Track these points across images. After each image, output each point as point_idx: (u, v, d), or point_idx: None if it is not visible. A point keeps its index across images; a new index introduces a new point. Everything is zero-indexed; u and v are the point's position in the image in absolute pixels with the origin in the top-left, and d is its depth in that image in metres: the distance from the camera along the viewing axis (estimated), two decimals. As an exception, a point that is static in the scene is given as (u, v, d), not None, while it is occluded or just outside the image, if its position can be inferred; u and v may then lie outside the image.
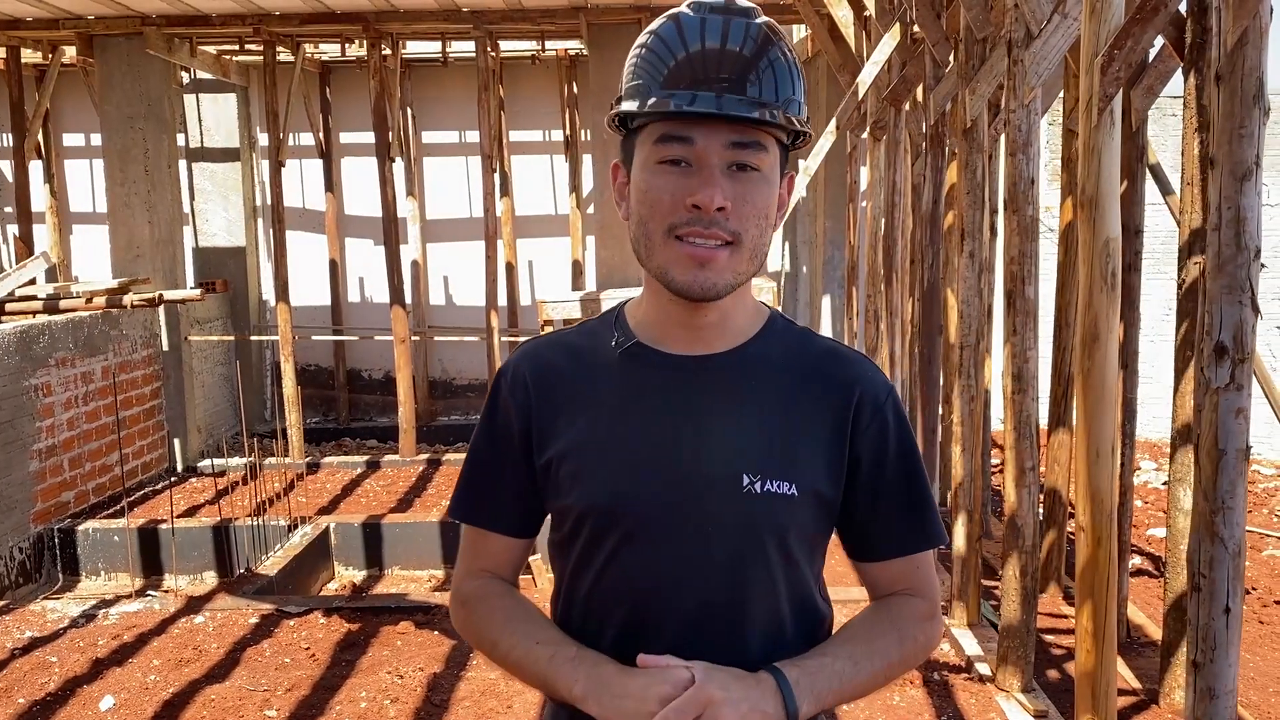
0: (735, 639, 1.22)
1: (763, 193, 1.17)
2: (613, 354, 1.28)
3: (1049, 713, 3.78)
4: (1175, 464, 4.09)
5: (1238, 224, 2.38)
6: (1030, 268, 3.82)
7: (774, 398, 1.25)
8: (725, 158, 1.15)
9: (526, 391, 1.30)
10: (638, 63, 1.20)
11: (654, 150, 1.17)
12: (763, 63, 1.16)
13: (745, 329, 1.28)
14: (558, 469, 1.27)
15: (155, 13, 7.75)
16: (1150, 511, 7.38)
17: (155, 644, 4.65)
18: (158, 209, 8.21)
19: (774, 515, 1.21)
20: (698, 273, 1.17)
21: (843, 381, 1.27)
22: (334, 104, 10.14)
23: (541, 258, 10.38)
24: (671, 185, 1.16)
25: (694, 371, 1.25)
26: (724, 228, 1.15)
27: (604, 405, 1.26)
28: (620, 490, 1.23)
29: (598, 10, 7.77)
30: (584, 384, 1.28)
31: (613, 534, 1.23)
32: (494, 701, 4.01)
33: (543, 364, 1.31)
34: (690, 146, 1.15)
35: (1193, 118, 3.90)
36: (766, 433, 1.23)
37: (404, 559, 6.71)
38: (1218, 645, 2.52)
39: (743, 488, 1.21)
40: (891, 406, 1.28)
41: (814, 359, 1.29)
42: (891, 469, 1.28)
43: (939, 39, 5.10)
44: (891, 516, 1.29)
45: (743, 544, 1.22)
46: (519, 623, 1.29)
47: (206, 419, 9.07)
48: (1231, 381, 2.42)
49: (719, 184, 1.14)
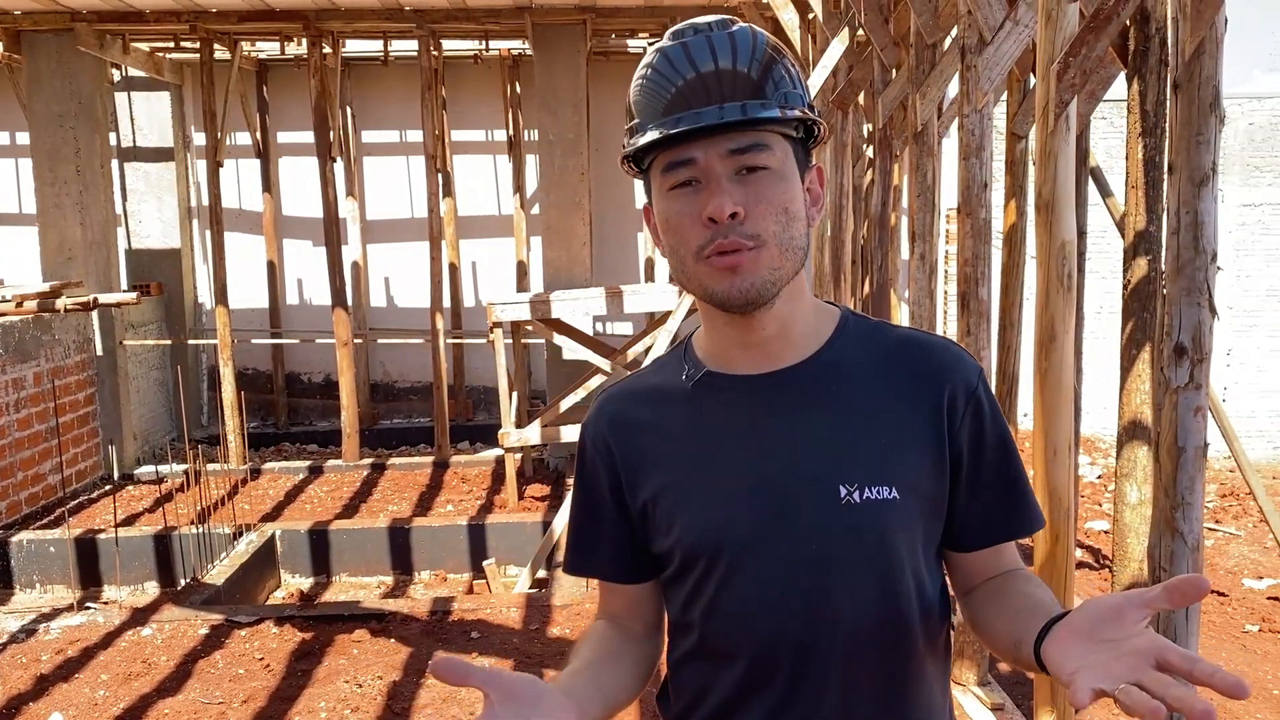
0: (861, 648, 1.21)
1: (777, 189, 1.16)
2: (685, 387, 1.27)
3: (1005, 705, 3.86)
4: (1122, 460, 4.20)
5: (1196, 228, 2.45)
6: (983, 269, 3.90)
7: (860, 401, 1.23)
8: (730, 165, 1.15)
9: (608, 444, 1.30)
10: (633, 102, 1.21)
11: (664, 180, 1.19)
12: (750, 66, 1.16)
13: (815, 335, 1.26)
14: (653, 513, 1.26)
15: (86, 8, 7.54)
16: (1086, 505, 7.57)
17: (101, 658, 4.53)
18: (90, 210, 7.99)
19: (878, 522, 1.19)
20: (733, 280, 1.16)
21: (932, 372, 1.24)
22: (271, 103, 9.96)
23: (485, 259, 10.31)
24: (687, 208, 1.17)
25: (769, 388, 1.24)
26: (742, 234, 1.15)
27: (686, 441, 1.25)
28: (717, 523, 1.21)
29: (543, 10, 7.74)
30: (663, 423, 1.28)
31: (717, 568, 1.21)
32: (456, 709, 3.98)
33: (620, 412, 1.31)
34: (694, 165, 1.16)
35: (1137, 122, 4.02)
36: (857, 438, 1.21)
37: (352, 565, 6.62)
38: (1178, 639, 2.60)
39: (840, 499, 1.18)
40: (984, 390, 1.25)
41: (895, 352, 1.26)
42: (990, 455, 1.25)
43: (886, 43, 5.17)
44: (992, 504, 1.25)
45: (853, 558, 1.19)
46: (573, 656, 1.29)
47: (142, 425, 8.85)
48: (1190, 381, 2.50)
49: (727, 192, 1.14)
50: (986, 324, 3.94)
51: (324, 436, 9.79)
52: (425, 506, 7.25)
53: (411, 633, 4.75)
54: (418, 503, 7.34)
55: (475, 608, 5.05)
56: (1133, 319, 4.07)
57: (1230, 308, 9.52)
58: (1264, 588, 6.19)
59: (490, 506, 7.18)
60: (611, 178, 9.99)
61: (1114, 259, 7.71)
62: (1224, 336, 9.23)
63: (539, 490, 7.59)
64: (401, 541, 6.59)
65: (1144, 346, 4.07)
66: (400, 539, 6.59)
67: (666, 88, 1.17)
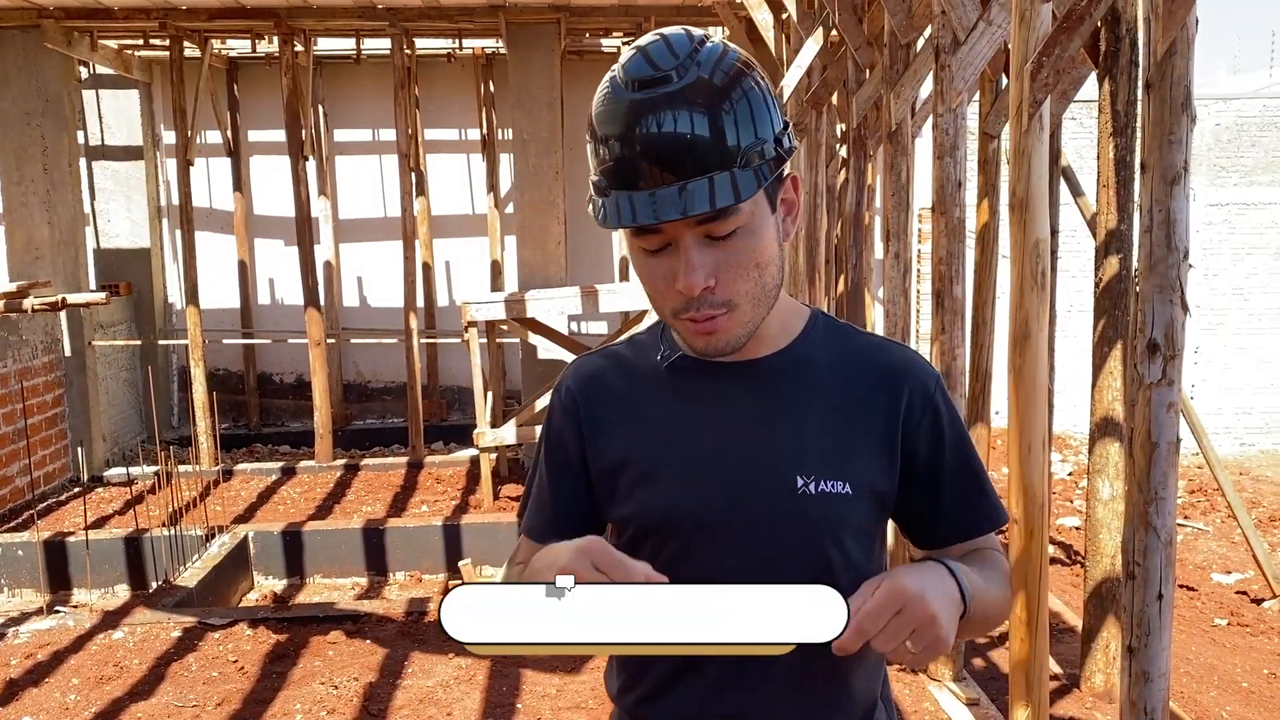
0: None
1: (748, 247, 1.16)
2: (659, 367, 1.31)
3: (980, 700, 3.90)
4: (1095, 456, 4.25)
5: (1168, 226, 2.48)
6: (958, 268, 3.93)
7: (822, 397, 1.27)
8: (698, 233, 1.14)
9: (576, 401, 1.33)
10: (592, 150, 1.18)
11: (633, 240, 1.19)
12: (715, 121, 1.10)
13: (786, 331, 1.30)
14: (613, 482, 1.29)
15: (54, 5, 7.44)
16: (1058, 502, 7.65)
17: (73, 662, 4.47)
18: (58, 209, 7.89)
19: (830, 515, 1.23)
20: (708, 340, 1.21)
21: (890, 375, 1.29)
22: (242, 101, 9.88)
23: (459, 258, 10.27)
24: (660, 268, 1.18)
25: (738, 377, 1.28)
26: (714, 303, 1.17)
27: (654, 418, 1.29)
28: (676, 500, 1.24)
29: (516, 9, 7.72)
30: (633, 397, 1.31)
31: (671, 544, 1.24)
32: (433, 709, 3.96)
33: (594, 380, 1.34)
34: (662, 234, 1.15)
35: (1108, 122, 4.07)
36: (817, 433, 1.25)
37: (325, 567, 6.57)
38: (1151, 631, 2.62)
39: (797, 489, 1.22)
40: (941, 395, 1.30)
41: (859, 355, 1.31)
42: (948, 457, 1.30)
43: (861, 43, 5.20)
44: (952, 504, 1.31)
45: (801, 546, 1.23)
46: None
47: (112, 426, 8.75)
48: (1163, 377, 2.52)
49: (696, 267, 1.14)
50: (961, 322, 3.96)
51: (297, 437, 9.71)
52: (400, 507, 7.22)
53: (387, 634, 4.72)
54: (392, 503, 7.31)
55: (451, 608, 5.02)
56: (1104, 316, 4.12)
57: (1198, 306, 9.65)
58: (1232, 582, 6.28)
59: (465, 507, 7.16)
60: (586, 177, 9.96)
61: (1084, 258, 7.79)
62: (1192, 335, 9.32)
63: (515, 490, 7.57)
64: (376, 542, 6.55)
65: (1116, 344, 4.11)
66: (375, 540, 6.55)
67: (624, 150, 1.12)
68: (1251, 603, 5.88)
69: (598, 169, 1.17)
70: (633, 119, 1.11)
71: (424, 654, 4.49)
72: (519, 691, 4.10)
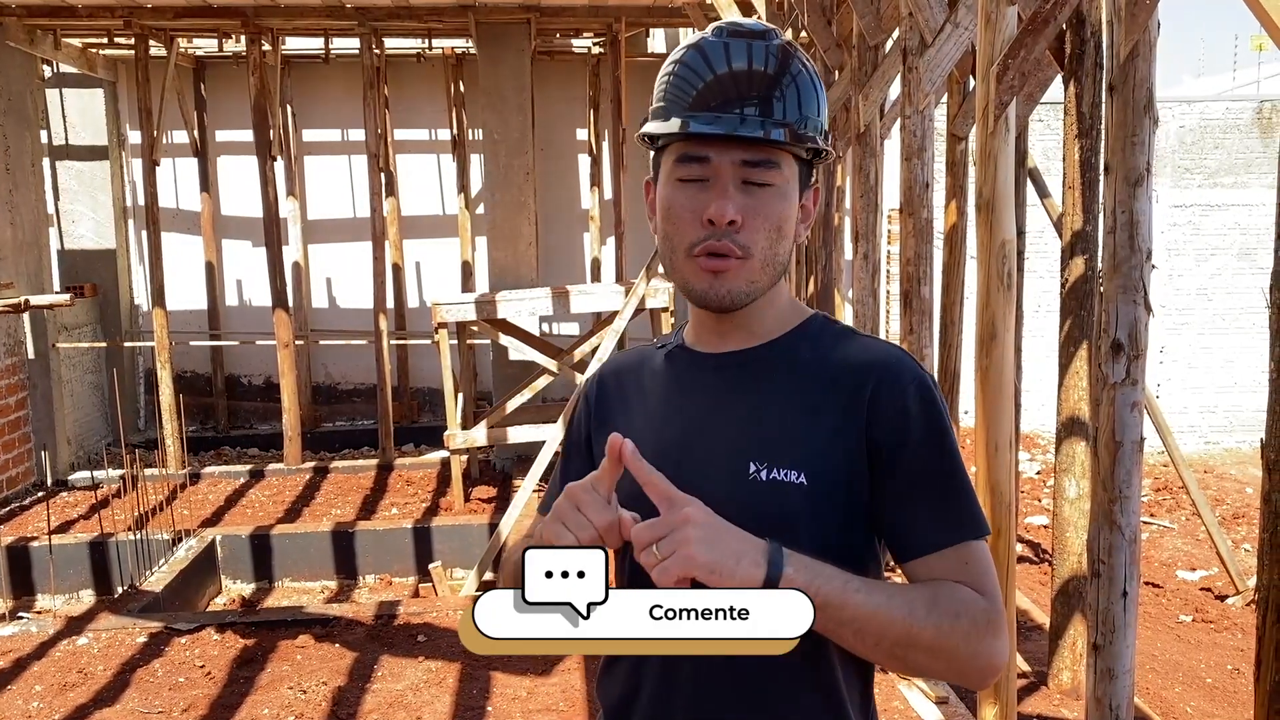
0: None
1: (776, 207, 1.23)
2: (661, 356, 1.39)
3: (949, 698, 3.92)
4: (1061, 455, 4.29)
5: (1131, 227, 2.51)
6: (926, 269, 3.95)
7: (790, 389, 1.27)
8: (739, 174, 1.22)
9: (589, 396, 1.44)
10: (664, 86, 1.27)
11: (674, 168, 1.25)
12: (783, 82, 1.23)
13: (779, 325, 1.32)
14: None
15: (16, 2, 7.33)
16: (1025, 500, 7.71)
17: (35, 669, 4.41)
18: (21, 210, 7.78)
19: (782, 504, 1.21)
20: (713, 281, 1.24)
21: (863, 369, 1.25)
22: (209, 100, 9.79)
23: (430, 259, 10.22)
24: (690, 202, 1.23)
25: (716, 367, 1.32)
26: (735, 241, 1.22)
27: (645, 406, 1.36)
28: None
29: (486, 9, 7.69)
30: (636, 387, 1.39)
31: None
32: (402, 713, 3.94)
33: (614, 372, 1.44)
34: (706, 164, 1.22)
35: (1073, 124, 4.10)
36: (777, 422, 1.25)
37: (294, 571, 6.52)
38: (1116, 628, 2.65)
39: (748, 475, 1.22)
40: (915, 391, 1.23)
41: (845, 354, 1.29)
42: (914, 455, 1.22)
43: (830, 44, 5.22)
44: (920, 507, 1.22)
45: (753, 533, 1.16)
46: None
47: (77, 430, 8.64)
48: (1127, 377, 2.55)
49: (731, 198, 1.21)
50: (929, 322, 3.99)
51: (265, 440, 9.63)
52: (370, 510, 7.17)
53: (356, 637, 4.69)
54: (362, 506, 7.26)
55: (422, 611, 5.00)
56: (1071, 317, 4.15)
57: (1163, 306, 9.77)
58: (1197, 579, 6.36)
59: (436, 509, 7.12)
60: (557, 177, 9.96)
61: (1051, 259, 7.86)
62: (1157, 334, 9.46)
63: (485, 492, 7.54)
64: (345, 545, 6.51)
65: (1082, 344, 4.15)
66: (344, 543, 6.51)
67: (697, 80, 1.23)
68: (1216, 599, 5.95)
69: (663, 98, 1.26)
70: (725, 51, 1.23)
71: (393, 657, 4.46)
72: (489, 694, 4.09)
